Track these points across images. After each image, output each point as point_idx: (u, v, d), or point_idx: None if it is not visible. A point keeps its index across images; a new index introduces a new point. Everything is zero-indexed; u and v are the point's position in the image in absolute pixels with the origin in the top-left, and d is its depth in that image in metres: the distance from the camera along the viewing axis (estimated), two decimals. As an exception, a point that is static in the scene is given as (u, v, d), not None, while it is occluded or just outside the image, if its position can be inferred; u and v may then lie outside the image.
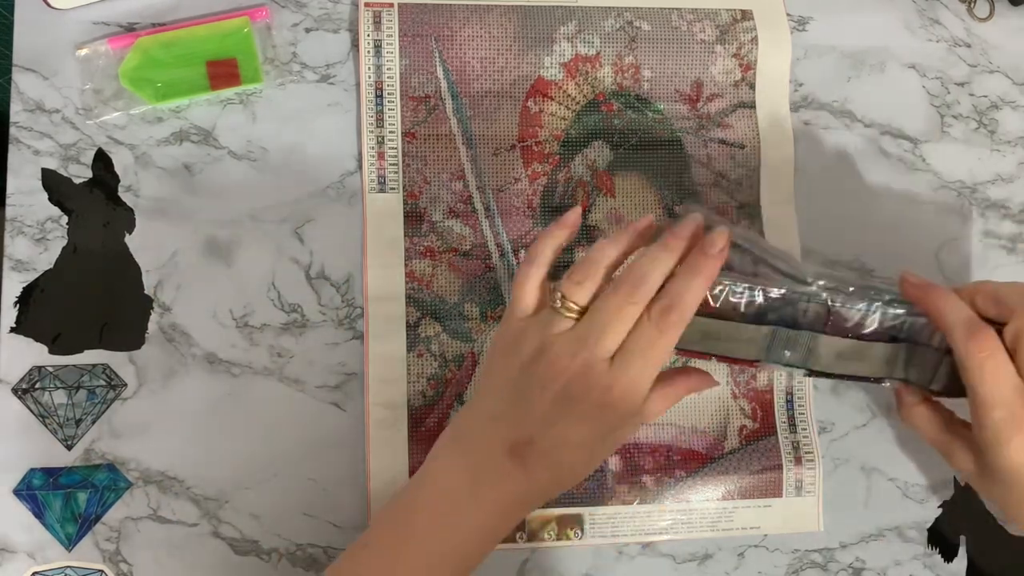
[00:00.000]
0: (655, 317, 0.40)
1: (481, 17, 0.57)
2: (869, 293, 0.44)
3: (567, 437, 0.41)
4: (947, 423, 0.46)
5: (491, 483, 0.41)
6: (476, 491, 0.41)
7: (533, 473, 0.41)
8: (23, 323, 0.51)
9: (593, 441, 0.42)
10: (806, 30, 0.60)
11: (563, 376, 0.40)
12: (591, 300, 0.42)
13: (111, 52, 0.53)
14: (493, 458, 0.41)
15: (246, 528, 0.51)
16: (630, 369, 0.40)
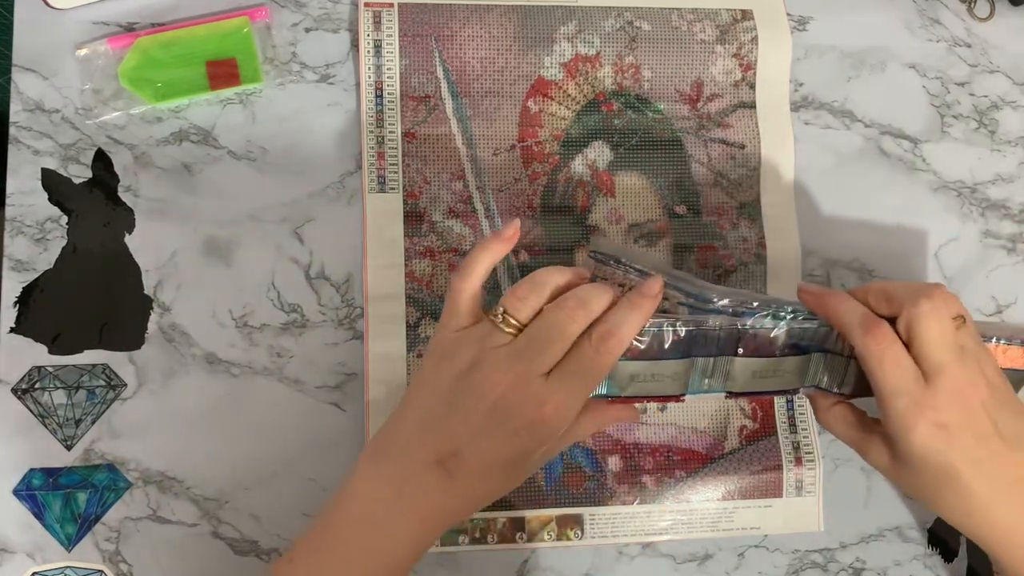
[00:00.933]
0: (595, 340, 0.41)
1: (481, 17, 0.57)
2: (772, 308, 0.45)
3: (496, 451, 0.41)
4: (860, 422, 0.47)
5: (416, 495, 0.41)
6: (400, 503, 0.41)
7: (459, 486, 0.41)
8: (23, 323, 0.51)
9: (521, 457, 0.42)
10: (806, 30, 0.60)
11: (497, 388, 0.40)
12: (531, 319, 0.42)
13: (111, 52, 0.53)
14: (418, 469, 0.41)
15: (246, 528, 0.51)
16: (565, 386, 0.41)
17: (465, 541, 0.52)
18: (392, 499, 0.41)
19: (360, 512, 0.42)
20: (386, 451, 0.43)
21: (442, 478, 0.41)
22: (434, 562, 0.52)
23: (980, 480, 0.42)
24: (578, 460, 0.54)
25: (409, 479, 0.41)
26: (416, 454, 0.41)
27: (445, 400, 0.42)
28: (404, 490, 0.41)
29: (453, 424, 0.41)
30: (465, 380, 0.41)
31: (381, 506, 0.41)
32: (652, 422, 0.55)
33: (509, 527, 0.53)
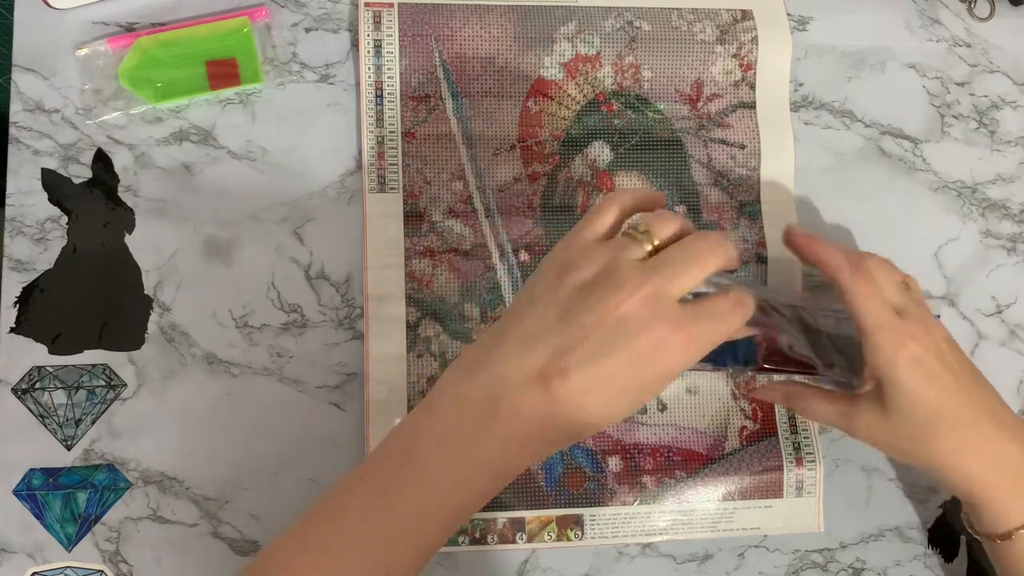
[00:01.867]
0: (731, 297, 0.38)
1: (481, 17, 0.57)
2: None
3: (611, 373, 0.36)
4: (839, 399, 0.49)
5: (508, 416, 0.36)
6: (489, 425, 0.36)
7: (561, 409, 0.36)
8: (23, 323, 0.51)
9: (635, 384, 0.37)
10: (806, 30, 0.60)
11: (627, 304, 0.36)
12: (670, 242, 0.39)
13: (111, 52, 0.53)
14: (517, 386, 0.36)
15: (246, 528, 0.51)
16: (700, 322, 0.37)
17: (465, 541, 0.52)
18: (480, 420, 0.37)
19: (443, 432, 0.37)
20: (481, 365, 0.37)
21: (544, 398, 0.36)
22: (434, 562, 0.52)
23: (968, 410, 0.45)
24: (578, 460, 0.54)
25: (505, 397, 0.36)
26: (517, 369, 0.36)
27: (561, 312, 0.37)
28: (495, 410, 0.36)
29: (567, 338, 0.36)
30: (589, 292, 0.37)
31: (466, 428, 0.37)
32: (652, 422, 0.55)
33: (509, 527, 0.53)
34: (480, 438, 0.37)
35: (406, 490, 0.37)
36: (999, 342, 0.59)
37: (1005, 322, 0.59)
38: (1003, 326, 0.59)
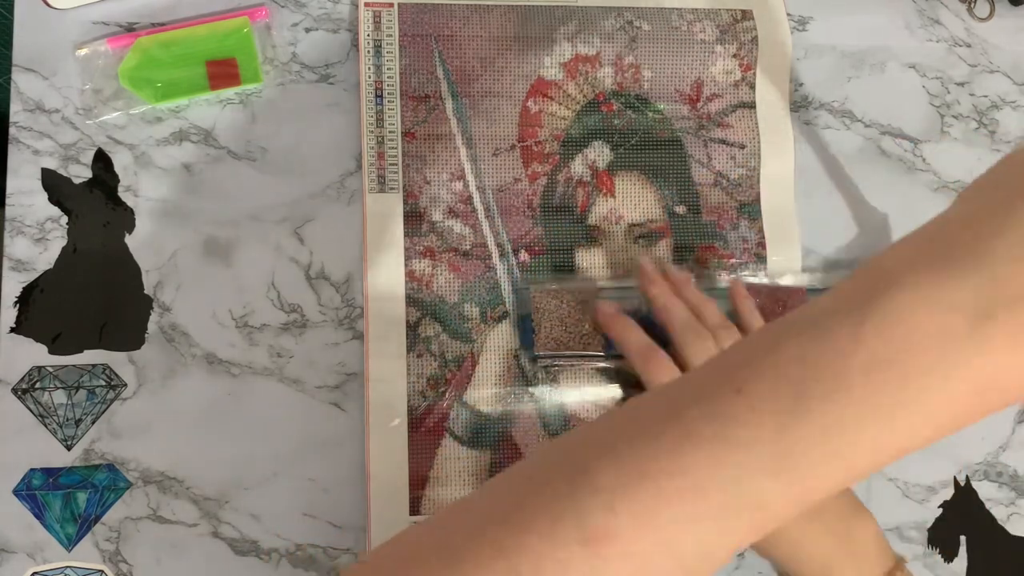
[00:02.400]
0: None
1: (481, 17, 0.56)
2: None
3: None
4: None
5: (1005, 325, 0.23)
6: (976, 335, 0.23)
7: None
8: (23, 323, 0.51)
9: None
10: (806, 30, 0.60)
11: None
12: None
13: (111, 52, 0.53)
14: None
15: (246, 528, 0.51)
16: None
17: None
18: (964, 330, 0.24)
19: (911, 346, 0.24)
20: (971, 254, 0.24)
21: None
22: (434, 562, 0.52)
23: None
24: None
25: (1002, 297, 0.24)
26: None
27: None
28: (991, 310, 0.24)
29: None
30: None
31: (946, 340, 0.24)
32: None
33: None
34: (961, 358, 0.24)
35: (801, 456, 0.24)
36: (999, 342, 0.59)
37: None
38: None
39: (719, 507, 0.24)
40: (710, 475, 0.24)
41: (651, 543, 0.24)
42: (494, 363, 0.54)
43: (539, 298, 0.52)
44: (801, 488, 0.24)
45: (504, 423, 0.53)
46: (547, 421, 0.54)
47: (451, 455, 0.53)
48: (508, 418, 0.53)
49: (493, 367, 0.54)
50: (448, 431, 0.53)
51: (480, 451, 0.53)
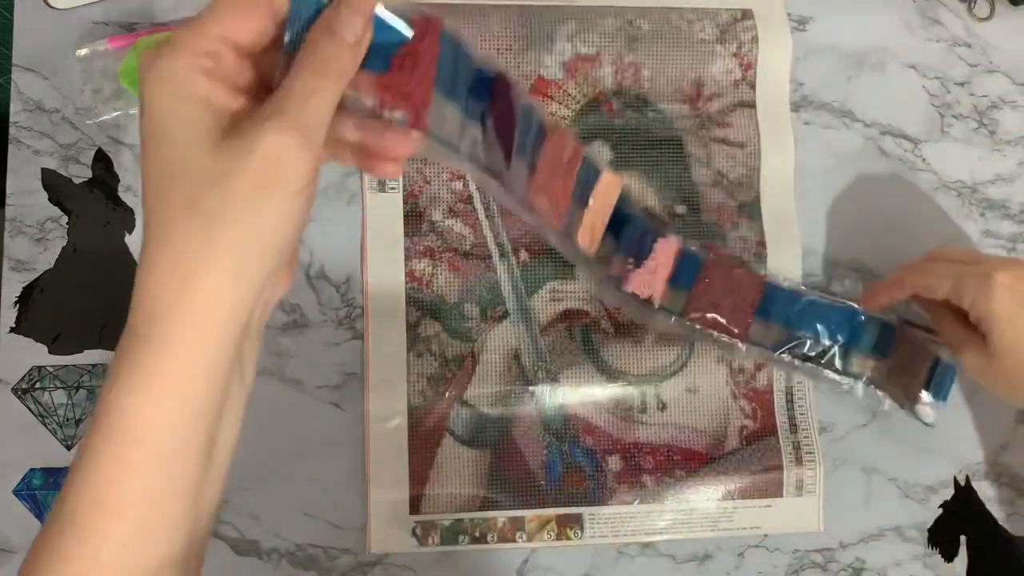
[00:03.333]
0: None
1: (481, 17, 0.56)
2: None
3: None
4: (964, 327, 0.50)
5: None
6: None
7: None
8: (23, 323, 0.51)
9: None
10: (806, 30, 0.60)
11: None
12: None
13: (111, 52, 0.53)
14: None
15: (246, 528, 0.51)
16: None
17: (465, 541, 0.52)
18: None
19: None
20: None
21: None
22: (434, 562, 0.52)
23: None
24: (578, 460, 0.54)
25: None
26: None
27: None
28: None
29: None
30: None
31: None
32: (652, 422, 0.55)
33: (509, 526, 0.53)
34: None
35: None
36: (999, 342, 0.59)
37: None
38: (1003, 326, 0.59)
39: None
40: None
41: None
42: (494, 363, 0.54)
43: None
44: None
45: (504, 423, 0.53)
46: (547, 421, 0.54)
47: (451, 455, 0.53)
48: (508, 418, 0.53)
49: (493, 367, 0.54)
50: (448, 431, 0.53)
51: (480, 450, 0.53)
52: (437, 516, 0.52)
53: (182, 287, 0.28)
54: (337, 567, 0.52)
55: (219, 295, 0.28)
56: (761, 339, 0.52)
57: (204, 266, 0.28)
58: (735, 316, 0.51)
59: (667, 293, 0.51)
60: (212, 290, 0.28)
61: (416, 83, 0.32)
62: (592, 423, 0.54)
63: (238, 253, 0.28)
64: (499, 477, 0.53)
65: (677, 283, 0.51)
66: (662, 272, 0.51)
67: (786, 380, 0.56)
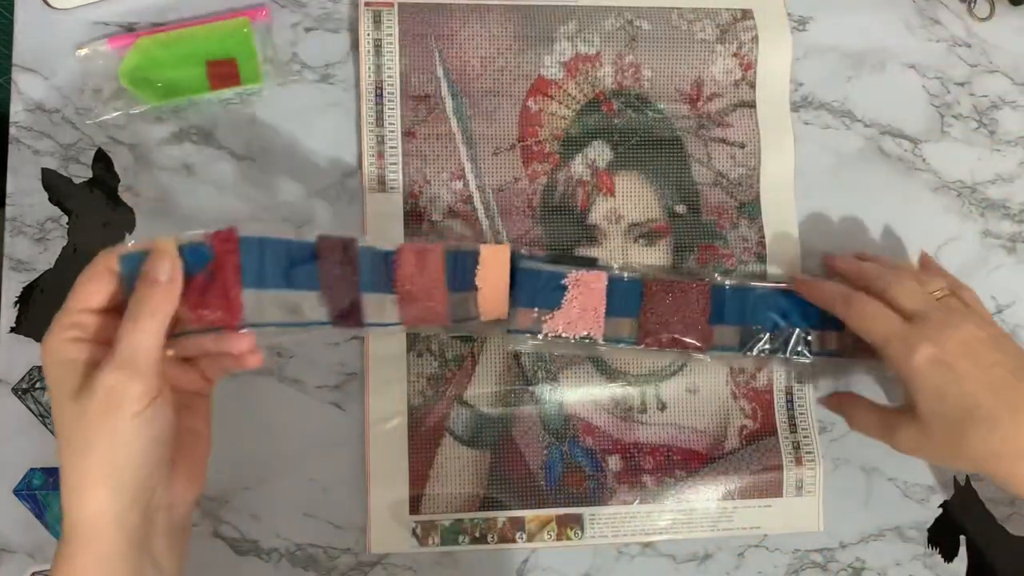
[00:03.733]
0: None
1: (481, 17, 0.57)
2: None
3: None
4: (883, 414, 0.50)
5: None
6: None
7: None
8: (23, 323, 0.51)
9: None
10: (806, 30, 0.60)
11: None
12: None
13: (111, 52, 0.53)
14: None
15: (246, 528, 0.51)
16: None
17: (465, 540, 0.52)
18: None
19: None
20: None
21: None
22: (434, 562, 0.52)
23: (1002, 405, 0.43)
24: (578, 459, 0.54)
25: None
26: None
27: None
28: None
29: None
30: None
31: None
32: (652, 422, 0.55)
33: (509, 526, 0.53)
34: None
35: None
36: (999, 342, 0.59)
37: (1005, 322, 0.59)
38: (1003, 326, 0.59)
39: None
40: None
41: None
42: (494, 362, 0.54)
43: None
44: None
45: (504, 422, 0.53)
46: (547, 421, 0.54)
47: (451, 455, 0.53)
48: (508, 418, 0.53)
49: (493, 366, 0.54)
50: (448, 430, 0.53)
51: (480, 450, 0.53)
52: (437, 516, 0.52)
53: (78, 507, 0.36)
54: (337, 567, 0.52)
55: (103, 509, 0.36)
56: (723, 343, 0.52)
57: (86, 489, 0.36)
58: (690, 329, 0.51)
59: (607, 325, 0.50)
60: (96, 505, 0.36)
61: (221, 294, 0.40)
62: (592, 423, 0.54)
63: (105, 472, 0.36)
64: (499, 477, 0.53)
65: (617, 313, 0.51)
66: (592, 306, 0.50)
67: (786, 380, 0.56)
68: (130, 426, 0.36)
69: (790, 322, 0.52)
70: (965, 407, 0.44)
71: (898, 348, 0.46)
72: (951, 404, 0.44)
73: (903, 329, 0.46)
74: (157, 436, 0.37)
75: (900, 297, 0.48)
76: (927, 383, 0.45)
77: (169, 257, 0.38)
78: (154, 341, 0.37)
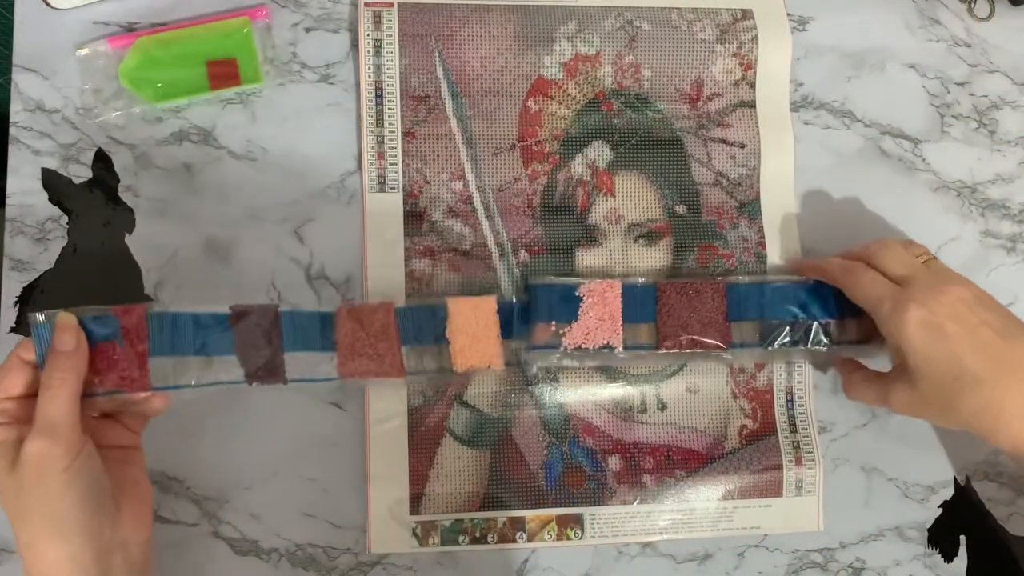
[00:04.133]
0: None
1: (481, 17, 0.57)
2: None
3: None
4: (876, 377, 0.52)
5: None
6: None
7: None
8: (23, 323, 0.51)
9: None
10: (806, 30, 0.60)
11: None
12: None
13: (111, 52, 0.53)
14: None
15: (246, 528, 0.51)
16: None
17: (465, 541, 0.52)
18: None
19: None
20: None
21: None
22: (434, 562, 0.52)
23: (987, 367, 0.45)
24: (578, 459, 0.54)
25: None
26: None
27: None
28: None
29: None
30: None
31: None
32: (652, 422, 0.55)
33: (509, 526, 0.53)
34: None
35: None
36: (999, 342, 0.59)
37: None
38: (1003, 326, 0.59)
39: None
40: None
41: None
42: (494, 363, 0.54)
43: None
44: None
45: (504, 423, 0.53)
46: (547, 421, 0.54)
47: (451, 455, 0.53)
48: (508, 418, 0.53)
49: (493, 367, 0.54)
50: (448, 431, 0.53)
51: (480, 451, 0.53)
52: (437, 516, 0.52)
53: (36, 561, 0.40)
54: (337, 567, 0.52)
55: (57, 557, 0.40)
56: (744, 340, 0.52)
57: (37, 543, 0.40)
58: (708, 329, 0.52)
59: (625, 333, 0.51)
60: (50, 554, 0.40)
61: (130, 361, 0.44)
62: (592, 423, 0.54)
63: (49, 524, 0.40)
64: (499, 477, 0.53)
65: (634, 320, 0.51)
66: (608, 315, 0.51)
67: (786, 380, 0.56)
68: (61, 480, 0.40)
69: (808, 313, 0.52)
70: (953, 369, 0.45)
71: (889, 310, 0.47)
72: (940, 366, 0.46)
73: (893, 292, 0.48)
74: (89, 484, 0.41)
75: (887, 262, 0.50)
76: (916, 344, 0.46)
77: (70, 328, 0.43)
78: (68, 405, 0.41)
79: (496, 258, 0.55)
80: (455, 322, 0.49)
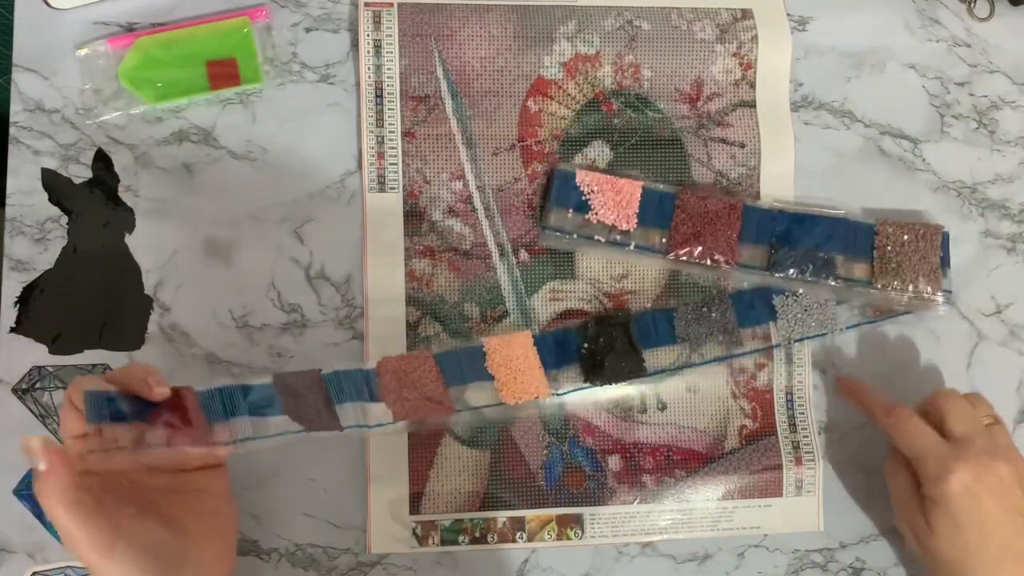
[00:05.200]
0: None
1: (481, 17, 0.57)
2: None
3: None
4: (919, 502, 0.50)
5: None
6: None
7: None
8: (23, 323, 0.51)
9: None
10: (806, 30, 0.60)
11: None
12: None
13: (111, 52, 0.53)
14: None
15: (246, 528, 0.51)
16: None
17: (465, 541, 0.52)
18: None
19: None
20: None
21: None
22: (434, 562, 0.52)
23: (1007, 555, 0.46)
24: (578, 459, 0.54)
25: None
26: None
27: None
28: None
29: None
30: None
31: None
32: (652, 422, 0.55)
33: (509, 526, 0.53)
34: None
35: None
36: (999, 342, 0.59)
37: (1005, 322, 0.59)
38: (1003, 326, 0.59)
39: None
40: None
41: None
42: (494, 363, 0.54)
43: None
44: None
45: (504, 423, 0.53)
46: (547, 421, 0.54)
47: (451, 455, 0.53)
48: (508, 417, 0.53)
49: (493, 367, 0.54)
50: (448, 431, 0.53)
51: (480, 451, 0.53)
52: (437, 516, 0.52)
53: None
54: (337, 567, 0.52)
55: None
56: (751, 262, 0.54)
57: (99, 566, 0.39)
58: (719, 244, 0.53)
59: (638, 233, 0.53)
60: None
61: (189, 432, 0.44)
62: (592, 423, 0.54)
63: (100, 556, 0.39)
64: (499, 477, 0.53)
65: (649, 223, 0.54)
66: (624, 203, 0.54)
67: (786, 380, 0.56)
68: (112, 565, 0.39)
69: (821, 248, 0.53)
70: (978, 545, 0.47)
71: (935, 467, 0.48)
72: (966, 536, 0.47)
73: (942, 449, 0.48)
74: (145, 547, 0.40)
75: (952, 417, 0.49)
76: (953, 506, 0.47)
77: (43, 448, 0.41)
78: (69, 515, 0.39)
79: (496, 258, 0.55)
80: (494, 359, 0.51)
